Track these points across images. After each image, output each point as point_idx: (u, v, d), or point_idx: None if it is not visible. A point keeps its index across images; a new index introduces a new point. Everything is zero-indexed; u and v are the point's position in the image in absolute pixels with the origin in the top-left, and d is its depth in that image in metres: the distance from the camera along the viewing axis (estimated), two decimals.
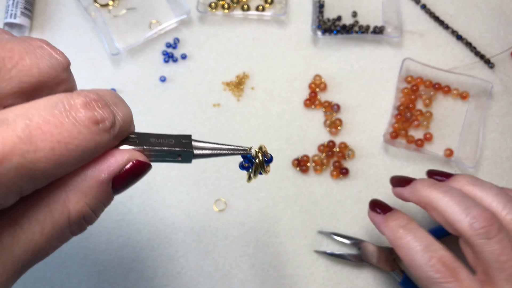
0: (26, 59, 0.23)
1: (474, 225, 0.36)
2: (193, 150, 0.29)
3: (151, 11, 0.59)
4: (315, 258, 0.52)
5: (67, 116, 0.22)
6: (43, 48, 0.24)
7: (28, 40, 0.24)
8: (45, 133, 0.21)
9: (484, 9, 0.61)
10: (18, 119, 0.21)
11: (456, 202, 0.38)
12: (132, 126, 0.28)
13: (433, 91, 0.57)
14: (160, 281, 0.51)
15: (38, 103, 0.22)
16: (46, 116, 0.21)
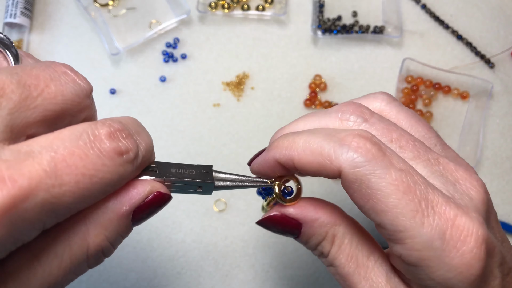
0: (51, 86, 0.23)
1: (344, 116, 0.28)
2: (214, 182, 0.29)
3: (151, 11, 0.59)
4: (315, 259, 0.52)
5: (92, 148, 0.22)
6: (67, 74, 0.24)
7: (52, 65, 0.24)
8: (70, 166, 0.21)
9: (484, 9, 0.60)
10: (43, 151, 0.20)
11: (310, 121, 0.30)
12: (153, 155, 0.28)
13: (433, 91, 0.57)
14: (160, 281, 0.51)
15: (62, 134, 0.21)
16: (71, 147, 0.21)
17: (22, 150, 0.20)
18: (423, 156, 0.27)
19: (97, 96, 0.59)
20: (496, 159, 0.56)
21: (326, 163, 0.25)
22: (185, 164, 0.28)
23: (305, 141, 0.26)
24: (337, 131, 0.26)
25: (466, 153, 0.55)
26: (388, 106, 0.30)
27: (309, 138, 0.26)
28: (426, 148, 0.27)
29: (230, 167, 0.54)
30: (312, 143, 0.26)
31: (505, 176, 0.55)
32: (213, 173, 0.29)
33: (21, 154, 0.20)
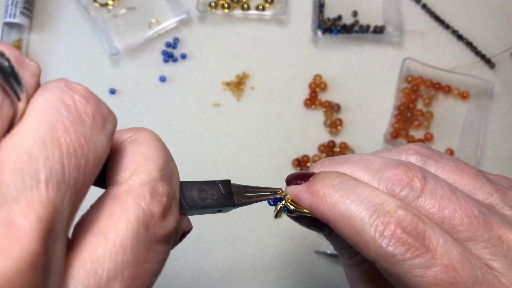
0: (90, 158, 0.17)
1: (393, 189, 0.25)
2: (235, 206, 0.28)
3: (150, 10, 0.59)
4: (315, 259, 0.52)
5: (151, 245, 0.18)
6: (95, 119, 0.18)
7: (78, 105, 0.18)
8: (137, 287, 0.17)
9: (484, 9, 0.60)
10: (112, 282, 0.17)
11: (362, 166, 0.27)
12: None
13: (434, 91, 0.57)
14: (159, 282, 0.51)
15: (118, 238, 0.17)
16: (134, 259, 0.17)
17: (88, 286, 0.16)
18: (481, 236, 0.23)
19: None
20: (496, 159, 0.56)
21: (362, 246, 0.24)
22: (204, 183, 0.26)
23: (346, 209, 0.24)
24: (385, 207, 0.24)
25: (467, 153, 0.55)
26: (425, 166, 0.27)
27: (353, 207, 0.24)
28: (485, 221, 0.24)
29: (230, 167, 0.54)
30: (354, 218, 0.24)
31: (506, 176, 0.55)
32: (232, 191, 0.28)
33: None
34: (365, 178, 0.26)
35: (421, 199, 0.24)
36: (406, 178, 0.25)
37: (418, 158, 0.27)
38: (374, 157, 0.27)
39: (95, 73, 0.57)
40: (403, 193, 0.24)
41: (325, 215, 0.25)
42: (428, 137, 0.55)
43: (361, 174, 0.26)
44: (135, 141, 0.22)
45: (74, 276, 0.16)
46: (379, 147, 0.55)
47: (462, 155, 0.55)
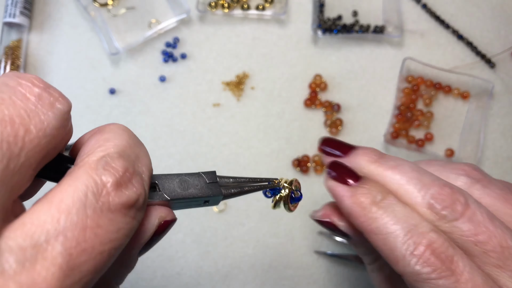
0: (32, 128, 0.18)
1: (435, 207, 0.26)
2: (222, 195, 0.26)
3: (150, 10, 0.59)
4: (315, 259, 0.52)
5: (102, 213, 0.18)
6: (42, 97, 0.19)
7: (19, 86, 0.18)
8: (86, 249, 0.17)
9: (485, 9, 0.60)
10: (52, 240, 0.16)
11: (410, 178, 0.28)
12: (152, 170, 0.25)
13: (434, 91, 0.57)
14: (159, 282, 0.51)
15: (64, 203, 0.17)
16: (81, 222, 0.17)
17: (25, 246, 0.16)
18: (509, 266, 0.25)
19: (96, 96, 0.59)
20: (497, 159, 0.56)
21: (392, 260, 0.26)
22: (187, 174, 0.25)
23: (384, 226, 0.26)
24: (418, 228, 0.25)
25: (467, 153, 0.55)
26: (470, 189, 0.28)
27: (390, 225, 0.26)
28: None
29: (230, 167, 0.54)
30: (389, 235, 0.26)
31: (506, 176, 0.55)
32: (218, 181, 0.27)
33: (27, 253, 0.16)
34: (410, 190, 0.27)
35: (458, 222, 0.26)
36: (449, 200, 0.26)
37: (467, 180, 0.28)
38: (424, 172, 0.28)
39: (94, 73, 0.57)
40: (444, 212, 0.26)
41: (362, 227, 0.27)
42: (429, 137, 0.55)
43: (408, 186, 0.27)
44: (101, 130, 0.22)
45: (8, 236, 0.16)
46: (379, 147, 0.55)
47: (462, 155, 0.55)
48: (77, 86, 0.56)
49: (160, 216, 0.23)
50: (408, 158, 0.55)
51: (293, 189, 0.30)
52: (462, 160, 0.54)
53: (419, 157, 0.55)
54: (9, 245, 0.16)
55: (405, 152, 0.55)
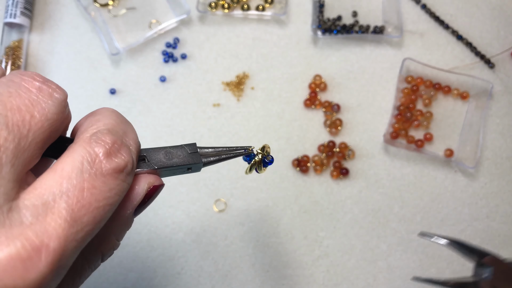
0: (36, 114, 0.22)
1: None
2: (202, 162, 0.30)
3: (151, 11, 0.59)
4: (315, 258, 0.52)
5: (97, 176, 0.22)
6: (42, 89, 0.23)
7: (23, 82, 0.22)
8: (85, 205, 0.21)
9: (484, 9, 0.60)
10: (57, 198, 0.20)
11: None
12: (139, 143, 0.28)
13: (433, 91, 0.57)
14: (160, 281, 0.51)
15: (65, 171, 0.21)
16: (79, 184, 0.21)
17: (37, 204, 0.20)
18: None
19: (97, 96, 0.59)
20: (496, 159, 0.56)
21: None
22: (170, 147, 0.29)
23: None
24: None
25: (466, 153, 0.55)
26: None
27: None
28: None
29: (230, 167, 0.54)
30: None
31: (505, 176, 0.55)
32: (198, 150, 0.30)
33: (39, 209, 0.20)
34: None
35: None
36: None
37: None
38: None
39: (95, 73, 0.57)
40: None
41: None
42: (428, 137, 0.56)
43: None
44: (93, 113, 0.26)
45: (24, 198, 0.20)
46: (379, 147, 0.56)
47: (462, 155, 0.55)
48: (78, 86, 0.56)
49: (149, 182, 0.26)
50: (408, 158, 0.55)
51: (265, 154, 0.33)
52: (461, 160, 0.55)
53: (419, 157, 0.55)
54: (26, 204, 0.20)
55: (405, 152, 0.55)
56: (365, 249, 0.53)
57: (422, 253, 0.53)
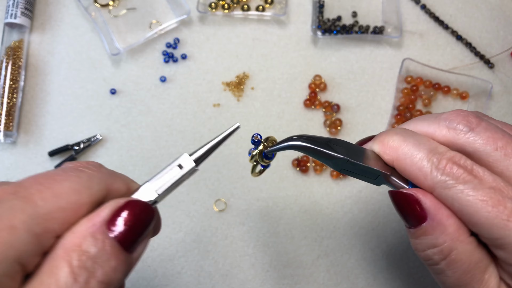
0: None
1: (451, 125, 0.31)
2: (196, 163, 0.30)
3: (151, 11, 0.59)
4: (315, 258, 0.52)
5: None
6: None
7: None
8: None
9: (484, 10, 0.61)
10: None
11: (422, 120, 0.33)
12: None
13: (433, 91, 0.57)
14: (160, 281, 0.51)
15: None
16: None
17: None
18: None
19: (97, 96, 0.59)
20: None
21: (420, 178, 0.29)
22: (161, 171, 0.29)
23: (409, 150, 0.30)
24: (438, 149, 0.30)
25: None
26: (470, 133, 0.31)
27: (413, 149, 0.30)
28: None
29: (230, 167, 0.54)
30: (414, 156, 0.30)
31: None
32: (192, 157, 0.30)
33: None
34: (426, 125, 0.32)
35: (476, 132, 0.30)
36: (462, 117, 0.31)
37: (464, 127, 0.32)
38: (431, 114, 0.34)
39: (95, 73, 0.57)
40: (460, 126, 0.30)
41: (390, 157, 0.31)
42: None
43: (423, 122, 0.32)
44: None
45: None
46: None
47: None
48: (78, 86, 0.56)
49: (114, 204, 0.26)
50: None
51: (267, 145, 0.33)
52: None
53: None
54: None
55: None
56: (365, 249, 0.53)
57: None
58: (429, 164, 0.29)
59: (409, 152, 0.30)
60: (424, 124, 0.32)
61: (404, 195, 0.30)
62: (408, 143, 0.30)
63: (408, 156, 0.30)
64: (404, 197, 0.30)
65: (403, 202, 0.30)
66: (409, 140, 0.31)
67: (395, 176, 0.31)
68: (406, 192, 0.30)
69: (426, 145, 0.30)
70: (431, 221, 0.29)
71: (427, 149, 0.30)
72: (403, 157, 0.30)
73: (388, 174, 0.31)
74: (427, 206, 0.29)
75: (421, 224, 0.29)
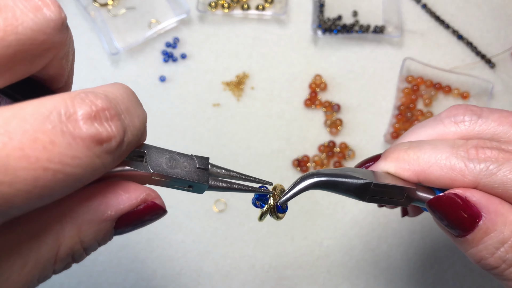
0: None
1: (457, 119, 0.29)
2: (208, 183, 0.25)
3: (150, 10, 0.59)
4: (315, 259, 0.52)
5: (62, 133, 0.17)
6: (26, 0, 0.18)
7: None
8: (29, 157, 0.16)
9: (485, 9, 0.60)
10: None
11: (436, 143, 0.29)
12: (144, 136, 0.23)
13: (434, 91, 0.57)
14: (159, 282, 0.51)
15: (24, 111, 0.16)
16: (33, 132, 0.16)
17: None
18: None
19: None
20: None
21: (457, 177, 0.26)
22: (178, 153, 0.24)
23: (430, 156, 0.27)
24: (457, 143, 0.27)
25: None
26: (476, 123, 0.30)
27: (434, 153, 0.27)
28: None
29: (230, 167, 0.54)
30: (439, 159, 0.27)
31: None
32: (209, 170, 0.25)
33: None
34: (430, 130, 0.30)
35: (484, 117, 0.28)
36: (463, 109, 0.29)
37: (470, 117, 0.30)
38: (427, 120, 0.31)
39: (95, 73, 0.57)
40: (467, 117, 0.29)
41: (412, 171, 0.28)
42: None
43: (425, 129, 0.30)
44: (105, 85, 0.21)
45: None
46: (379, 147, 0.55)
47: None
48: (77, 86, 0.56)
49: (148, 194, 0.22)
50: None
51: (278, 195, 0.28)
52: None
53: None
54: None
55: None
56: (366, 250, 0.52)
57: (423, 254, 0.53)
58: (460, 160, 0.26)
59: (432, 157, 0.27)
60: (427, 129, 0.30)
61: (447, 198, 0.26)
62: (425, 150, 0.27)
63: (433, 162, 0.27)
64: (448, 200, 0.26)
65: (447, 207, 0.26)
66: (425, 147, 0.27)
67: (421, 191, 0.28)
68: (447, 194, 0.26)
69: (444, 144, 0.27)
70: (488, 215, 0.25)
71: (448, 146, 0.27)
72: (427, 165, 0.27)
73: (414, 188, 0.28)
74: (476, 200, 0.25)
75: (477, 224, 0.25)
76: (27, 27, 0.18)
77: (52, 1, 0.19)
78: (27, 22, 0.18)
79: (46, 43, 0.19)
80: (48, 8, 0.18)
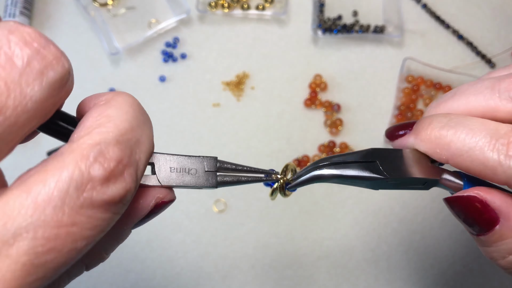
0: (9, 104, 0.16)
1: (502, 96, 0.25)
2: (216, 187, 0.26)
3: (150, 10, 0.59)
4: (315, 259, 0.52)
5: (82, 209, 0.16)
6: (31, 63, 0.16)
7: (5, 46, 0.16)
8: (55, 248, 0.16)
9: (485, 9, 0.60)
10: (19, 236, 0.15)
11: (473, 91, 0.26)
12: (152, 150, 0.24)
13: (434, 91, 0.57)
14: (159, 282, 0.51)
15: (41, 195, 0.16)
16: (54, 219, 0.16)
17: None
18: None
19: None
20: None
21: (489, 174, 0.23)
22: (186, 157, 0.25)
23: (464, 144, 0.24)
24: (500, 131, 0.23)
25: None
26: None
27: (469, 140, 0.24)
28: None
29: None
30: (473, 149, 0.24)
31: None
32: (216, 170, 0.26)
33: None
34: (482, 100, 0.25)
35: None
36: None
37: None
38: (482, 80, 0.26)
39: (94, 72, 0.57)
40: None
41: (443, 156, 0.25)
42: None
43: (477, 98, 0.25)
44: (107, 103, 0.20)
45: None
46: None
47: None
48: (77, 86, 0.56)
49: (157, 197, 0.22)
50: None
51: (286, 180, 0.29)
52: None
53: None
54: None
55: None
56: (366, 250, 0.52)
57: (424, 254, 0.53)
58: (495, 154, 0.23)
59: (466, 146, 0.24)
60: (479, 98, 0.25)
61: (466, 199, 0.25)
62: (460, 134, 0.24)
63: (465, 151, 0.24)
64: (467, 202, 0.25)
65: (466, 208, 0.25)
66: (461, 130, 0.24)
67: (446, 174, 0.26)
68: (468, 195, 0.25)
69: (483, 130, 0.23)
70: (505, 222, 0.24)
71: (487, 135, 0.23)
72: (458, 153, 0.24)
73: (437, 180, 0.26)
74: (496, 205, 0.24)
75: (493, 228, 0.24)
76: (36, 101, 0.17)
77: (55, 54, 0.17)
78: (35, 96, 0.16)
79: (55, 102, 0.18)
80: (52, 67, 0.17)
